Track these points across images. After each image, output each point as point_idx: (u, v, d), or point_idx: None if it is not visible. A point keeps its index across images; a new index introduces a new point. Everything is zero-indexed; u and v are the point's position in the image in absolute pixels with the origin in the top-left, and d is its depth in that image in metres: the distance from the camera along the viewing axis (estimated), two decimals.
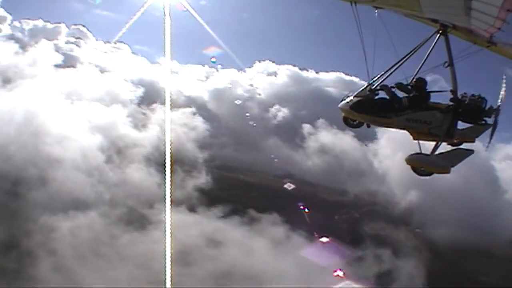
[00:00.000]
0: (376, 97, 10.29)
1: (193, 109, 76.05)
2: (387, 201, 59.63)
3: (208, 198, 52.03)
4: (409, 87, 10.15)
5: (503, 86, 9.73)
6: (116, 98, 72.77)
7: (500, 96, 9.66)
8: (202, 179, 56.85)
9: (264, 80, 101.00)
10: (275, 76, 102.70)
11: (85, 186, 49.87)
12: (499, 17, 6.81)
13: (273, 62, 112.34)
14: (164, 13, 9.69)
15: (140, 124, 66.35)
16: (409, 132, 10.22)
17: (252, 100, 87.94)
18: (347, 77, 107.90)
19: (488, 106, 9.75)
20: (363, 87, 10.37)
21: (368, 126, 10.65)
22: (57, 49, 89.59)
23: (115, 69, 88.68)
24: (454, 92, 9.77)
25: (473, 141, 10.14)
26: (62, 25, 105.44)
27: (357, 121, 10.80)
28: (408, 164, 10.04)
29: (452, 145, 10.20)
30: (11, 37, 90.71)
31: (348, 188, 62.46)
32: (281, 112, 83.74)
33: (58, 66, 78.96)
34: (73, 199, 46.90)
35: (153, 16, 75.54)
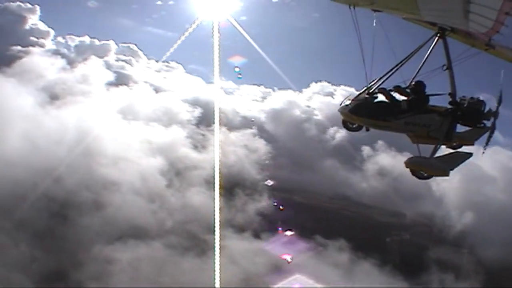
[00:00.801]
0: (375, 100, 10.28)
1: (254, 130, 73.36)
2: (443, 223, 58.66)
3: (270, 223, 50.30)
4: (408, 90, 10.14)
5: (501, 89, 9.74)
6: (173, 118, 70.12)
7: (498, 98, 9.67)
8: (264, 202, 54.77)
9: (321, 101, 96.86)
10: (332, 97, 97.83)
11: (145, 212, 46.96)
12: (497, 20, 6.82)
13: (329, 82, 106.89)
14: (213, 33, 9.62)
15: (199, 145, 63.54)
16: (408, 135, 10.21)
17: (310, 121, 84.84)
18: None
19: (486, 109, 9.75)
20: (361, 91, 10.37)
21: (367, 130, 10.64)
22: (108, 66, 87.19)
23: (170, 88, 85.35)
24: (452, 95, 9.77)
25: (472, 144, 10.14)
26: (111, 42, 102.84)
27: (356, 125, 10.80)
28: (407, 167, 10.02)
29: (451, 148, 10.20)
30: (56, 53, 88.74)
31: (404, 210, 61.45)
32: (339, 134, 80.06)
33: (110, 84, 76.61)
34: (132, 226, 43.89)
35: (206, 34, 73.67)
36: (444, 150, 10.15)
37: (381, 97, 10.28)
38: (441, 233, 56.70)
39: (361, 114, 10.22)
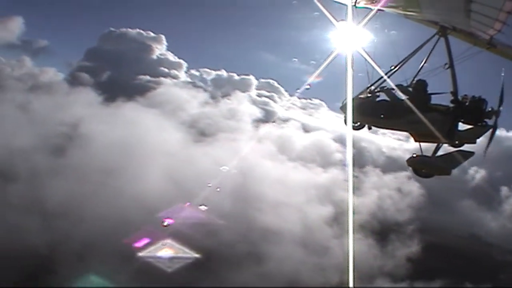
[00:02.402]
0: (377, 99, 10.30)
1: (408, 172, 71.11)
2: None
3: (422, 270, 46.82)
4: (410, 89, 10.15)
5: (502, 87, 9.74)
6: (327, 159, 65.32)
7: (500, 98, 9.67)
8: (413, 247, 51.51)
9: None
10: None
11: (307, 265, 42.27)
12: (499, 19, 6.83)
13: None
14: (346, 66, 9.54)
15: (353, 188, 60.84)
16: (410, 134, 10.23)
17: None
18: None
19: (488, 108, 9.76)
20: (364, 90, 10.39)
21: (369, 128, 10.66)
22: (252, 102, 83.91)
23: (318, 127, 79.66)
24: (454, 93, 9.78)
25: (474, 143, 10.14)
26: (252, 77, 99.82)
27: (359, 123, 10.82)
28: (409, 166, 10.06)
29: (453, 146, 10.20)
30: (193, 85, 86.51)
31: None
32: (479, 174, 77.83)
33: (257, 120, 72.30)
34: (292, 280, 39.69)
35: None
36: (446, 149, 10.17)
37: (383, 96, 10.30)
38: None
39: (364, 113, 10.24)
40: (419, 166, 10.11)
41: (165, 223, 36.00)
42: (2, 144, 45.79)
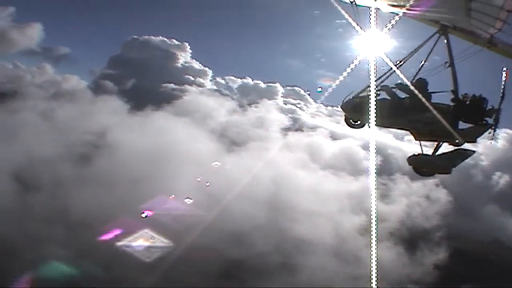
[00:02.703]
0: (377, 97, 10.30)
1: (436, 179, 66.88)
2: None
3: (449, 277, 46.78)
4: (410, 87, 10.15)
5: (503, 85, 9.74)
6: (356, 167, 64.36)
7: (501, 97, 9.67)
8: (440, 254, 51.25)
9: (485, 145, 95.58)
10: (495, 141, 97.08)
11: (340, 275, 41.73)
12: (499, 18, 6.83)
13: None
14: (369, 72, 9.57)
15: (382, 195, 58.58)
16: (410, 132, 10.23)
17: (476, 168, 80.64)
18: None
19: (489, 107, 9.76)
20: (363, 88, 10.38)
21: (370, 127, 10.65)
22: (279, 110, 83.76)
23: (346, 134, 77.07)
24: (455, 92, 9.78)
25: (475, 142, 10.14)
26: (277, 85, 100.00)
27: (359, 122, 10.82)
28: (409, 164, 10.06)
29: (453, 145, 10.20)
30: (219, 93, 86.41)
31: None
32: (503, 179, 77.90)
33: (285, 129, 72.07)
34: None
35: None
36: (446, 148, 10.18)
37: (383, 95, 10.30)
38: None
39: (364, 111, 10.24)
40: (420, 164, 10.12)
41: (144, 215, 36.58)
42: (25, 153, 45.07)
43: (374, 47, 9.61)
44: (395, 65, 10.00)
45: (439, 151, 10.09)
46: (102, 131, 53.20)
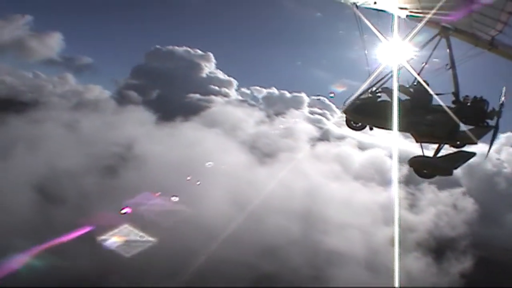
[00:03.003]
0: (378, 99, 10.31)
1: (463, 188, 67.91)
2: None
3: (474, 285, 46.52)
4: (411, 89, 10.16)
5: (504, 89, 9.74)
6: (384, 177, 63.58)
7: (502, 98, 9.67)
8: (466, 263, 50.99)
9: (508, 152, 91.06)
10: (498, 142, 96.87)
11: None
12: (500, 20, 6.84)
13: None
14: (393, 81, 9.68)
15: (410, 205, 58.97)
16: (411, 134, 10.23)
17: (499, 175, 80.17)
18: None
19: (490, 109, 9.76)
20: (364, 90, 10.39)
21: (371, 129, 10.66)
22: (306, 119, 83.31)
23: (373, 144, 76.91)
24: (456, 94, 9.78)
25: (476, 143, 10.13)
26: (303, 95, 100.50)
27: (360, 124, 10.82)
28: (410, 166, 10.04)
29: (455, 147, 10.20)
30: (247, 104, 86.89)
31: None
32: None
33: (313, 139, 71.86)
34: None
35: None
36: (447, 149, 10.17)
37: (384, 97, 10.31)
38: None
39: (365, 113, 10.24)
40: (421, 166, 10.10)
41: (123, 211, 36.48)
42: (48, 164, 43.82)
43: (398, 55, 9.73)
44: (418, 74, 10.02)
45: (440, 153, 10.08)
46: (129, 142, 52.26)
